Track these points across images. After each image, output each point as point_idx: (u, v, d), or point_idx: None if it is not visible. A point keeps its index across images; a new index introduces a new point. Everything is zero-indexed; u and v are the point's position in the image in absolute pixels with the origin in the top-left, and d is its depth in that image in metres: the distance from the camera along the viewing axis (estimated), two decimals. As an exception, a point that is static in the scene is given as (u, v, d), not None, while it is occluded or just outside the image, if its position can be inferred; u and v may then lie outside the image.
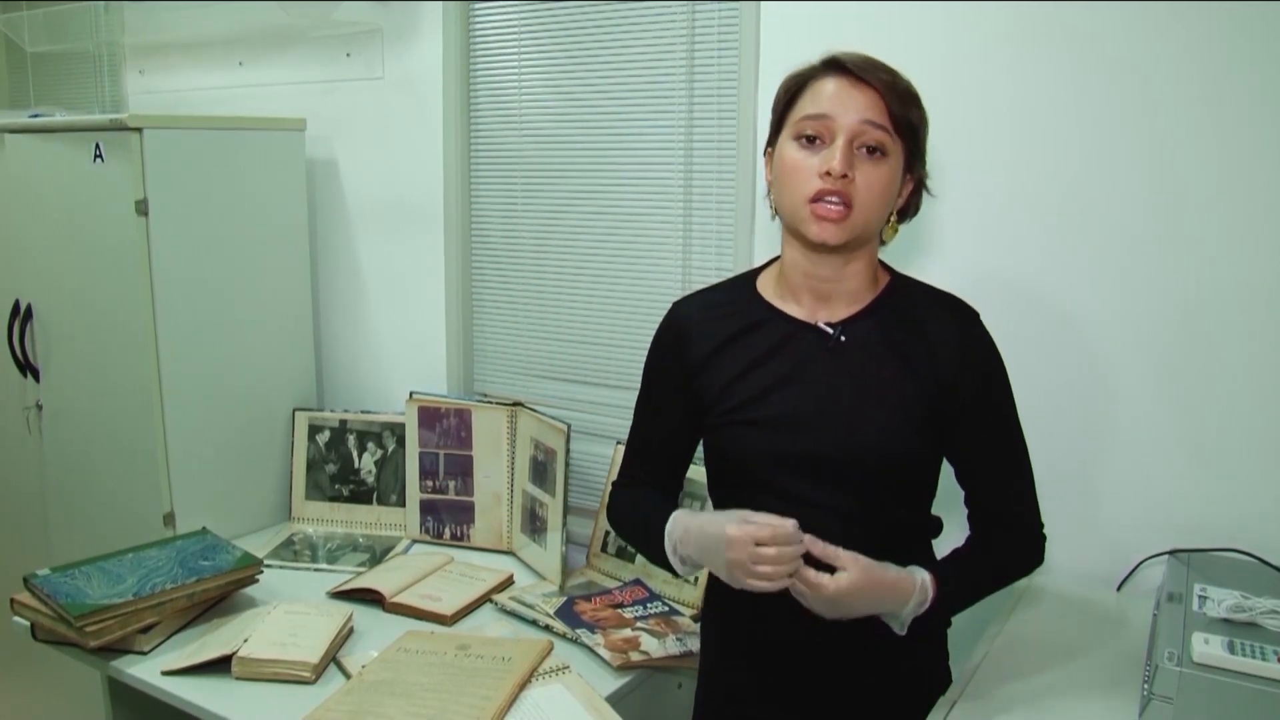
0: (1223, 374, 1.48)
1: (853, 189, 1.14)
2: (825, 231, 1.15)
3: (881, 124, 1.14)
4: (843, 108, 1.14)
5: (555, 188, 2.14)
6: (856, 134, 1.14)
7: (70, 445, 2.28)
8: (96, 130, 2.04)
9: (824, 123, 1.15)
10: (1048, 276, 1.59)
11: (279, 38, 2.50)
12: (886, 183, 1.16)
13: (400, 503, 2.25)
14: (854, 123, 1.14)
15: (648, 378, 1.37)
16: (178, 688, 1.54)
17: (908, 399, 1.21)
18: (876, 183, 1.15)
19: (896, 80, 1.16)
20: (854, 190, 1.14)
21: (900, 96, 1.15)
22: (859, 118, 1.14)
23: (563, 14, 2.07)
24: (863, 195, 1.14)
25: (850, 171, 1.14)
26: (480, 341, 2.34)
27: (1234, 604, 1.22)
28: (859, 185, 1.14)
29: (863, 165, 1.15)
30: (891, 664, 1.28)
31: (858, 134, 1.14)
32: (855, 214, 1.15)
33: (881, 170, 1.15)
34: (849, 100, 1.14)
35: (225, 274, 2.17)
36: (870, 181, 1.15)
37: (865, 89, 1.14)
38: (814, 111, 1.15)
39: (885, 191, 1.17)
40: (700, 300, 1.34)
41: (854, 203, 1.14)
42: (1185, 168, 1.47)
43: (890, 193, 1.18)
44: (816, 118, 1.15)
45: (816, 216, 1.15)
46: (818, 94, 1.16)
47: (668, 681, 1.73)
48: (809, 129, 1.16)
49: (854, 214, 1.15)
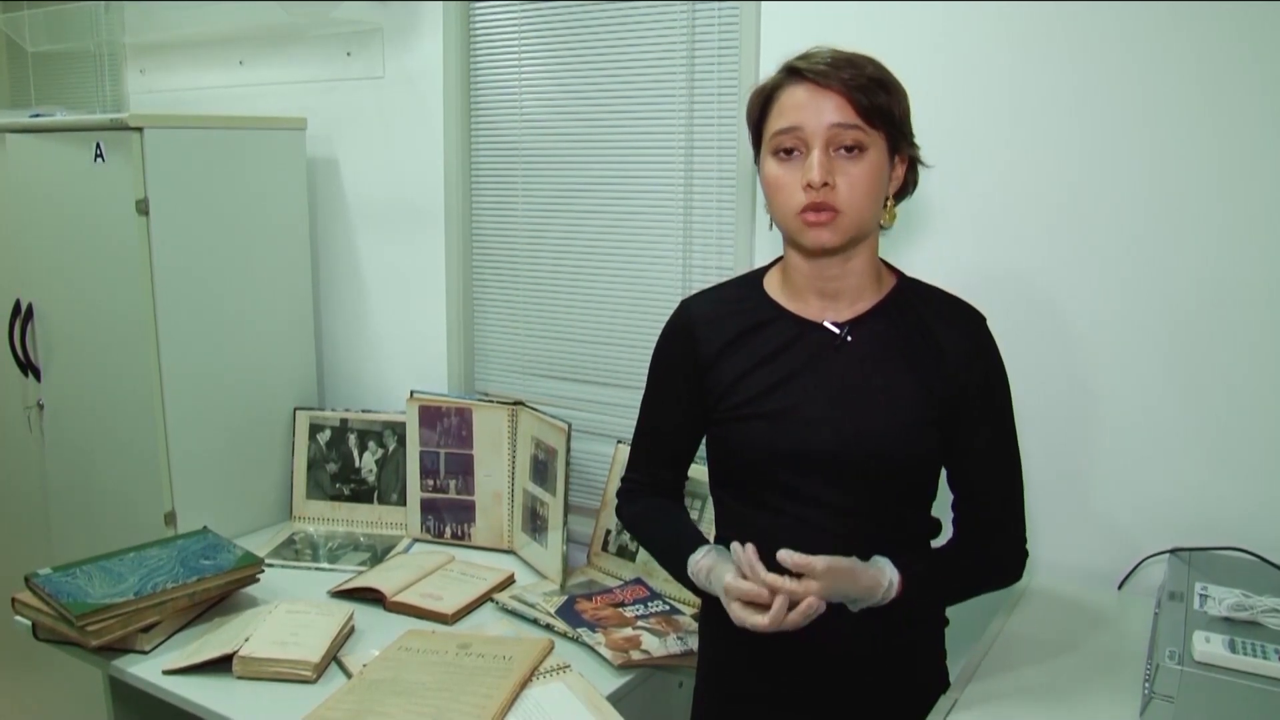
0: (1224, 373, 1.48)
1: (835, 196, 1.14)
2: (820, 236, 1.16)
3: (852, 123, 1.13)
4: (811, 116, 1.14)
5: (556, 186, 2.14)
6: (830, 139, 1.14)
7: (71, 444, 2.28)
8: (97, 130, 2.04)
9: (796, 134, 1.15)
10: (1049, 275, 1.59)
11: (279, 37, 2.50)
12: (871, 177, 1.16)
13: (401, 502, 2.25)
14: (824, 128, 1.14)
15: (656, 373, 1.38)
16: (179, 687, 1.54)
17: (915, 400, 1.21)
18: (860, 181, 1.15)
19: (860, 72, 1.13)
20: (837, 196, 1.14)
21: (866, 89, 1.13)
22: (828, 122, 1.13)
23: (563, 13, 2.07)
24: (847, 196, 1.15)
25: (830, 179, 1.14)
26: (481, 340, 2.34)
27: (1235, 603, 1.22)
28: (842, 188, 1.14)
29: (843, 166, 1.15)
30: (891, 663, 1.28)
31: (831, 138, 1.14)
32: (844, 216, 1.15)
33: (863, 166, 1.15)
34: (815, 107, 1.14)
35: (226, 273, 2.17)
36: (853, 181, 1.15)
37: (830, 92, 1.13)
38: (784, 125, 1.16)
39: (871, 186, 1.16)
40: (709, 297, 1.35)
41: (840, 205, 1.15)
42: (1187, 167, 1.46)
43: (877, 184, 1.17)
44: (788, 131, 1.15)
45: (808, 225, 1.16)
46: (784, 106, 1.16)
47: (669, 680, 1.73)
48: (784, 143, 1.16)
49: (843, 216, 1.15)
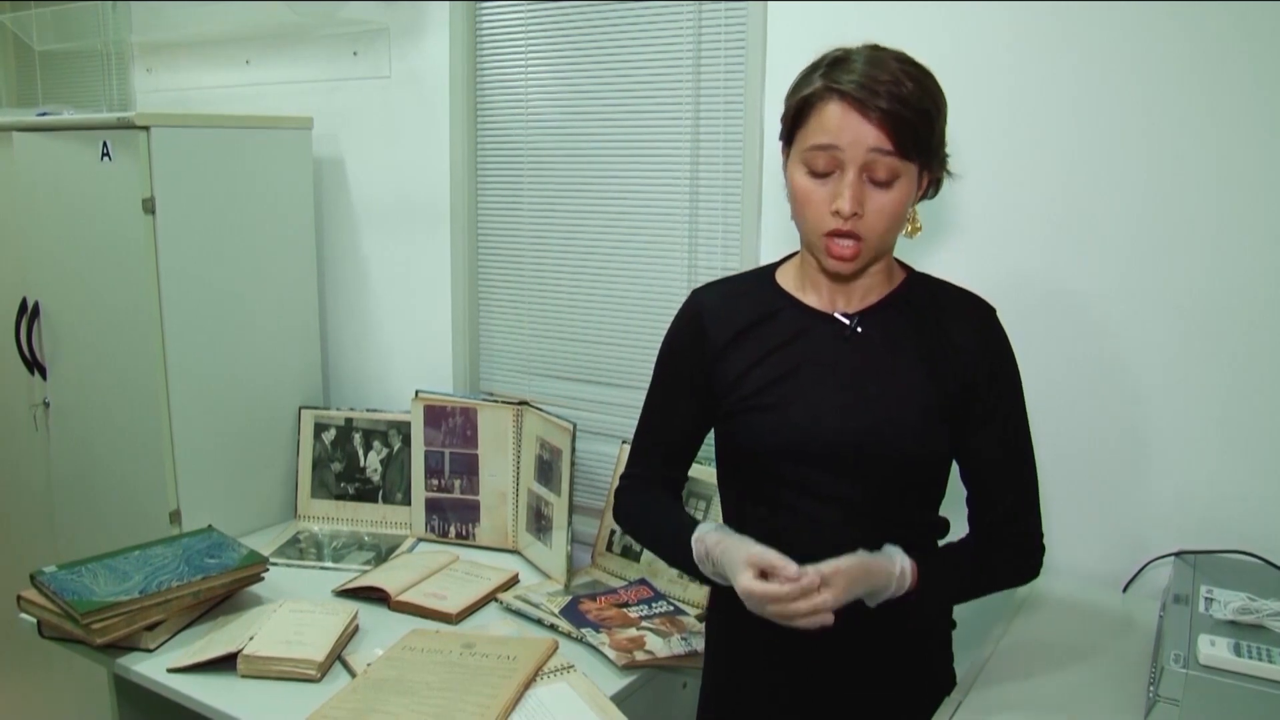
0: (1230, 375, 1.47)
1: (862, 225, 1.14)
2: (840, 266, 1.17)
3: (888, 150, 1.11)
4: (849, 138, 1.11)
5: (562, 187, 2.14)
6: (865, 165, 1.12)
7: (77, 443, 2.28)
8: (104, 129, 2.04)
9: (832, 154, 1.13)
10: (1055, 275, 1.59)
11: (286, 36, 2.51)
12: (898, 205, 1.15)
13: (406, 501, 2.25)
14: (861, 155, 1.11)
15: (663, 365, 1.36)
16: (183, 685, 1.55)
17: (925, 394, 1.21)
18: (887, 208, 1.14)
19: (903, 100, 1.09)
20: (864, 225, 1.14)
21: (908, 121, 1.10)
22: (866, 148, 1.11)
23: (569, 12, 2.07)
24: (873, 225, 1.14)
25: (860, 208, 1.13)
26: (486, 340, 2.35)
27: (1241, 606, 1.22)
28: (869, 216, 1.14)
29: (873, 193, 1.13)
30: (897, 664, 1.28)
31: (866, 165, 1.12)
32: (867, 244, 1.15)
33: (893, 195, 1.14)
34: (854, 130, 1.11)
35: (232, 272, 2.17)
36: (880, 209, 1.14)
37: (870, 119, 1.10)
38: (820, 142, 1.13)
39: (897, 214, 1.15)
40: (719, 288, 1.34)
41: (865, 234, 1.14)
42: (1191, 167, 1.46)
43: (904, 209, 1.16)
44: (824, 148, 1.13)
45: (830, 254, 1.16)
46: (823, 121, 1.13)
47: (673, 681, 1.73)
48: (818, 160, 1.14)
49: (865, 245, 1.15)
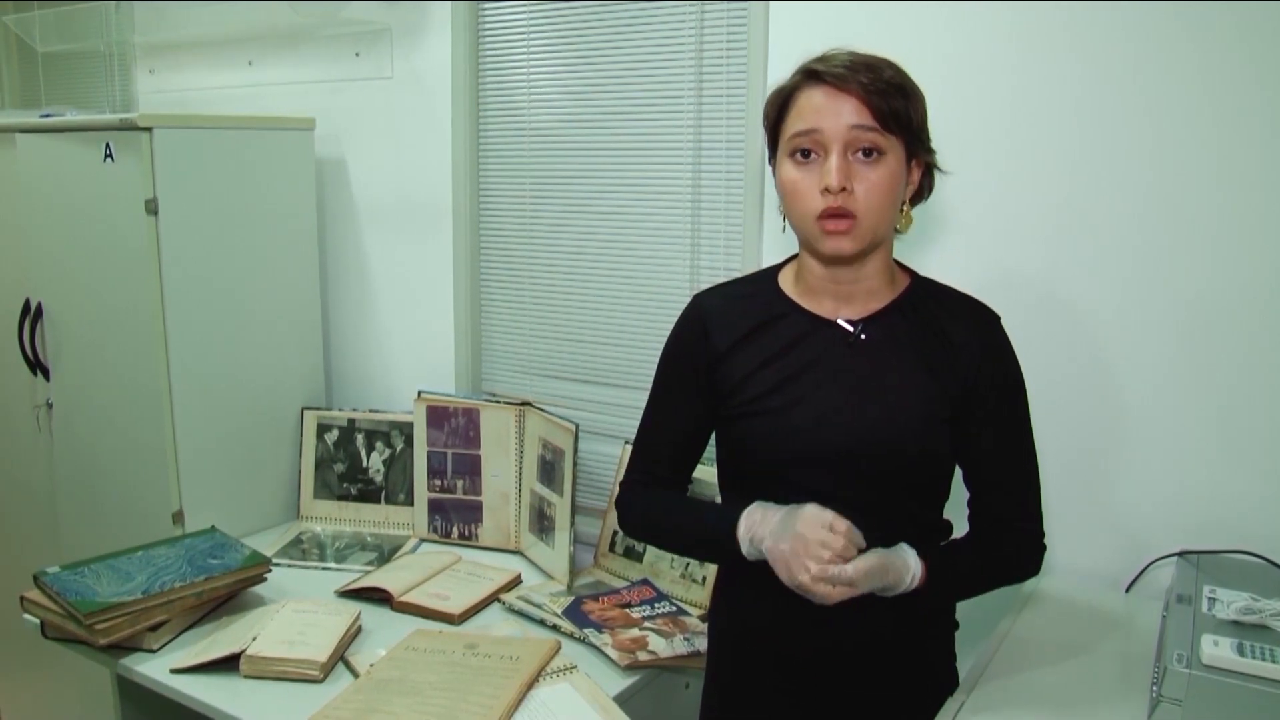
0: (1232, 374, 1.47)
1: (854, 200, 1.14)
2: (839, 245, 1.16)
3: (870, 125, 1.13)
4: (829, 118, 1.14)
5: (564, 187, 2.14)
6: (848, 142, 1.14)
7: (80, 443, 2.29)
8: (107, 130, 2.04)
9: (814, 137, 1.15)
10: (1056, 275, 1.58)
11: (288, 37, 2.51)
12: (888, 182, 1.16)
13: (408, 502, 2.25)
14: (842, 131, 1.13)
15: (666, 368, 1.36)
16: (186, 686, 1.55)
17: (929, 398, 1.21)
18: (877, 185, 1.15)
19: (879, 75, 1.13)
20: (855, 201, 1.14)
21: (884, 94, 1.13)
22: (846, 124, 1.13)
23: (571, 13, 2.07)
24: (865, 202, 1.14)
25: (849, 183, 1.14)
26: (488, 341, 2.35)
27: (1243, 606, 1.22)
28: (859, 194, 1.14)
29: (861, 171, 1.14)
30: (900, 664, 1.28)
31: (849, 142, 1.14)
32: (862, 222, 1.15)
33: (880, 171, 1.15)
34: (834, 110, 1.13)
35: (234, 273, 2.18)
36: (870, 186, 1.14)
37: (848, 95, 1.13)
38: (802, 127, 1.15)
39: (888, 191, 1.16)
40: (722, 292, 1.34)
41: (858, 211, 1.15)
42: (1192, 167, 1.46)
43: (895, 190, 1.17)
44: (806, 133, 1.15)
45: (826, 233, 1.16)
46: (803, 108, 1.16)
47: (675, 681, 1.73)
48: (801, 145, 1.16)
49: (860, 222, 1.15)
